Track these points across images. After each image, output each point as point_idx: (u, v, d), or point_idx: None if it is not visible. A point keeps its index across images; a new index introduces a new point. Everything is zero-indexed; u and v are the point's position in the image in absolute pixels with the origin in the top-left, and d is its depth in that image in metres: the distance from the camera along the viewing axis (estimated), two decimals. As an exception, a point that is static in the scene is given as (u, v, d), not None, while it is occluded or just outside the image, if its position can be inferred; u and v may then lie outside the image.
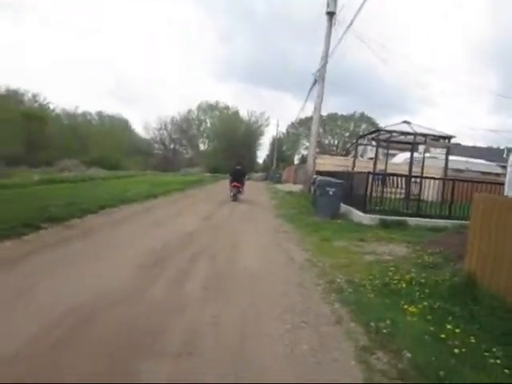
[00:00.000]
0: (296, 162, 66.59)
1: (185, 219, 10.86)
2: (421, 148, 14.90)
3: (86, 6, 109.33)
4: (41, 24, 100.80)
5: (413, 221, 11.31)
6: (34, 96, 54.80)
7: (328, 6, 20.56)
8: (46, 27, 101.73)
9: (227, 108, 75.80)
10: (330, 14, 20.59)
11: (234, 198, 17.48)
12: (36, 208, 8.73)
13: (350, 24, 17.76)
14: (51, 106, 57.62)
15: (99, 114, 69.07)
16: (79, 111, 65.47)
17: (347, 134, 70.94)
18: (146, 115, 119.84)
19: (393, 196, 12.53)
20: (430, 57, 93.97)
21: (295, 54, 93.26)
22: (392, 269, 6.14)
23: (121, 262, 5.91)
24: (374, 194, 12.20)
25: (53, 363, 2.91)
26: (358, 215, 11.83)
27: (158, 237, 7.99)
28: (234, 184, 17.87)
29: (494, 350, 3.47)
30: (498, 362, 3.25)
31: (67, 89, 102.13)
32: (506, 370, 3.11)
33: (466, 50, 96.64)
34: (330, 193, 12.47)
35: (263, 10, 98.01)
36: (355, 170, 15.78)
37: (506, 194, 9.23)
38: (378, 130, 15.54)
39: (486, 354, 3.38)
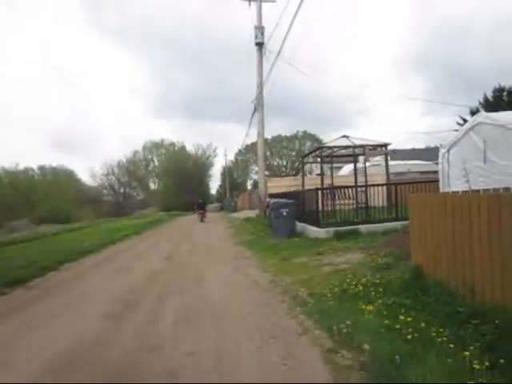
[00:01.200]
0: (249, 187, 67.34)
1: (146, 262, 10.91)
2: (361, 158, 15.79)
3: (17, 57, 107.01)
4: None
5: (364, 228, 11.93)
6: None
7: (256, 37, 21.60)
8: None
9: (173, 144, 75.95)
10: (259, 45, 21.61)
11: (202, 220, 27.31)
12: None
13: (278, 54, 18.70)
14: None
15: (41, 168, 67.12)
16: (20, 168, 63.39)
17: (294, 154, 72.66)
18: (91, 163, 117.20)
19: (344, 207, 13.20)
20: (362, 70, 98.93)
21: (233, 84, 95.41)
22: (349, 276, 6.56)
23: (89, 313, 5.98)
24: (325, 208, 12.77)
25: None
26: (313, 231, 12.34)
27: (122, 283, 8.06)
28: (200, 212, 28.12)
29: (441, 330, 3.92)
30: (445, 339, 3.69)
31: (5, 146, 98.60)
32: (451, 345, 3.54)
33: (393, 61, 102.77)
34: (284, 213, 12.96)
35: (196, 44, 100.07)
36: (305, 187, 16.41)
37: (441, 190, 10.00)
38: (320, 148, 16.36)
39: (434, 335, 3.82)
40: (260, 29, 21.35)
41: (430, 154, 36.56)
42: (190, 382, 3.51)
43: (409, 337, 3.82)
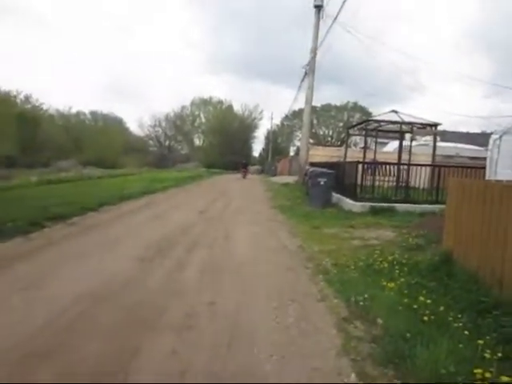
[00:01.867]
0: (291, 153, 66.93)
1: (182, 213, 11.26)
2: (408, 136, 15.31)
3: (74, 6, 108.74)
4: (31, 24, 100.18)
5: (401, 207, 11.73)
6: (27, 97, 54.81)
7: (315, -1, 20.90)
8: (35, 28, 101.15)
9: (221, 102, 75.88)
10: (318, 8, 20.92)
11: (244, 177, 35.20)
12: (39, 208, 9.11)
13: (335, 18, 18.05)
14: (44, 107, 57.69)
15: (93, 113, 69.17)
16: (73, 111, 65.67)
17: (341, 125, 71.12)
18: (140, 113, 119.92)
19: (384, 184, 12.98)
20: (422, 44, 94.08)
21: (286, 46, 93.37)
22: (377, 252, 6.54)
23: (123, 253, 6.31)
24: (364, 183, 12.61)
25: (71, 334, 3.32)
26: (348, 203, 12.25)
27: (156, 230, 8.40)
28: (243, 170, 36.81)
29: (460, 316, 3.89)
30: (461, 325, 3.67)
31: (61, 89, 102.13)
32: (465, 332, 3.53)
33: (457, 37, 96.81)
34: (322, 183, 12.90)
35: (252, 3, 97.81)
36: (347, 159, 16.17)
37: (487, 177, 9.62)
38: (367, 120, 15.95)
39: (452, 319, 3.80)
40: (320, -9, 20.60)
41: (485, 139, 34.96)
42: (204, 327, 3.68)
43: (425, 318, 3.82)
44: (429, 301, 4.21)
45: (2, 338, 3.26)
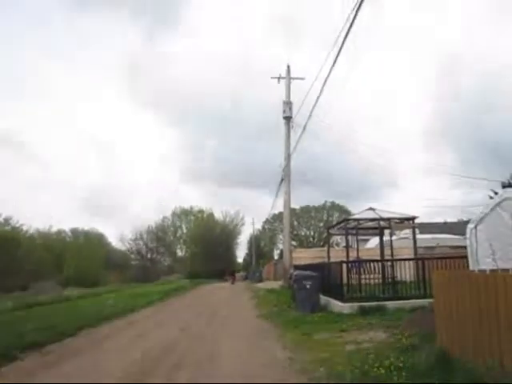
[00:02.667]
0: (276, 256, 66.71)
1: (166, 330, 10.75)
2: (387, 231, 15.57)
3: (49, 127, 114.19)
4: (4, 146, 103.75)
5: (391, 304, 11.47)
6: (6, 220, 54.63)
7: (284, 111, 22.54)
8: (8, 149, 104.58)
9: (201, 211, 77.14)
10: (287, 119, 22.50)
11: (232, 283, 40.60)
12: (13, 336, 8.61)
13: (304, 128, 19.34)
14: (24, 228, 57.24)
15: (74, 230, 69.05)
16: (53, 230, 65.36)
17: (321, 224, 72.31)
18: (121, 227, 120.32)
19: (370, 281, 12.85)
20: (388, 141, 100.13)
21: (262, 154, 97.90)
22: (372, 356, 6.22)
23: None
24: (350, 282, 12.45)
25: None
26: (337, 305, 11.95)
27: (139, 353, 7.91)
28: (232, 277, 43.92)
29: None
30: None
31: (40, 209, 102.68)
32: None
33: (421, 132, 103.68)
34: (308, 286, 12.66)
35: (228, 116, 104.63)
36: (331, 259, 16.14)
37: (471, 268, 9.63)
38: (346, 220, 16.27)
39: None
40: (288, 104, 22.33)
41: (463, 227, 35.74)
42: None
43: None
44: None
45: None
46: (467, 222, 13.16)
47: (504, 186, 23.84)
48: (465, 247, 11.84)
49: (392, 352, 6.53)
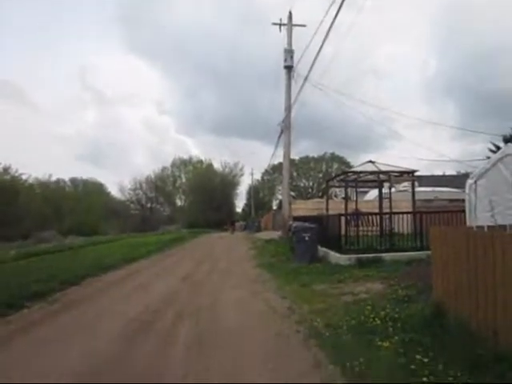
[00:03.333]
0: (274, 207, 67.28)
1: (165, 280, 10.97)
2: (387, 184, 15.57)
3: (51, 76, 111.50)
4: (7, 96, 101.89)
5: (388, 256, 11.67)
6: (5, 169, 54.53)
7: (285, 60, 21.87)
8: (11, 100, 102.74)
9: (201, 162, 76.95)
10: (288, 68, 21.86)
11: (232, 233, 43.56)
12: (17, 286, 8.78)
13: (306, 78, 18.81)
14: (24, 177, 57.29)
15: (73, 180, 69.24)
16: (53, 179, 65.45)
17: (321, 175, 72.37)
18: (121, 177, 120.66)
19: (368, 233, 13.01)
20: (391, 93, 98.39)
21: (262, 104, 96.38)
22: (368, 307, 6.38)
23: (106, 331, 6.03)
24: (349, 234, 12.59)
25: None
26: (335, 257, 12.16)
27: (142, 301, 8.11)
28: (232, 226, 48.32)
29: (459, 374, 3.75)
30: (461, 384, 3.53)
31: (40, 159, 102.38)
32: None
33: (424, 85, 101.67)
34: (306, 238, 12.82)
35: (227, 65, 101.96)
36: (329, 211, 16.25)
37: (468, 223, 9.69)
38: (345, 172, 16.23)
39: (452, 379, 3.65)
40: (289, 52, 21.62)
41: (461, 180, 35.82)
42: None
43: (424, 379, 3.67)
44: (426, 359, 4.08)
45: None
46: (466, 175, 13.11)
47: (506, 140, 23.60)
48: (463, 200, 11.88)
49: (388, 303, 6.70)
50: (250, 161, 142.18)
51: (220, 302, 7.99)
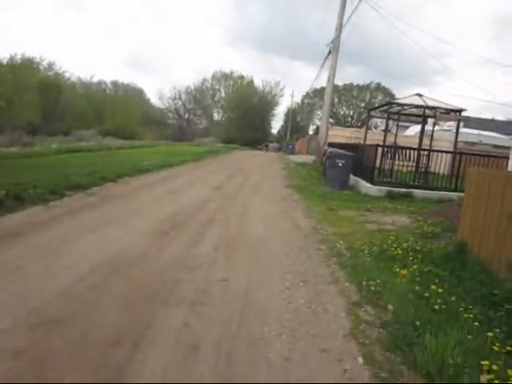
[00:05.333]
0: (310, 132, 66.34)
1: (198, 188, 11.35)
2: (431, 121, 15.00)
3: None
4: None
5: (419, 193, 11.62)
6: (50, 64, 54.94)
7: (343, -25, 20.28)
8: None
9: (241, 77, 75.16)
10: (346, -17, 20.32)
11: (266, 151, 51.12)
12: (59, 176, 9.29)
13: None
14: (67, 75, 57.85)
15: (114, 83, 69.46)
16: (94, 80, 65.90)
17: (362, 105, 69.96)
18: (161, 85, 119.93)
19: (403, 168, 12.85)
20: (450, 27, 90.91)
21: (311, 23, 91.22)
22: (392, 237, 6.52)
23: (140, 226, 6.43)
24: (383, 167, 12.47)
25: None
26: (365, 187, 12.18)
27: (174, 204, 8.50)
28: (266, 148, 55.77)
29: (471, 307, 3.90)
30: (471, 316, 3.67)
31: (83, 57, 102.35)
32: (476, 323, 3.53)
33: (486, 21, 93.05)
34: (340, 164, 12.80)
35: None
36: (367, 142, 15.96)
37: (510, 169, 9.39)
38: (390, 103, 15.65)
39: (462, 310, 3.81)
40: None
41: (510, 127, 34.03)
42: (216, 305, 3.76)
43: (436, 307, 3.82)
44: (440, 290, 4.21)
45: (21, 304, 3.39)
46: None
47: None
48: (508, 148, 11.41)
49: (412, 236, 6.82)
50: (291, 82, 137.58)
51: (248, 214, 8.29)
